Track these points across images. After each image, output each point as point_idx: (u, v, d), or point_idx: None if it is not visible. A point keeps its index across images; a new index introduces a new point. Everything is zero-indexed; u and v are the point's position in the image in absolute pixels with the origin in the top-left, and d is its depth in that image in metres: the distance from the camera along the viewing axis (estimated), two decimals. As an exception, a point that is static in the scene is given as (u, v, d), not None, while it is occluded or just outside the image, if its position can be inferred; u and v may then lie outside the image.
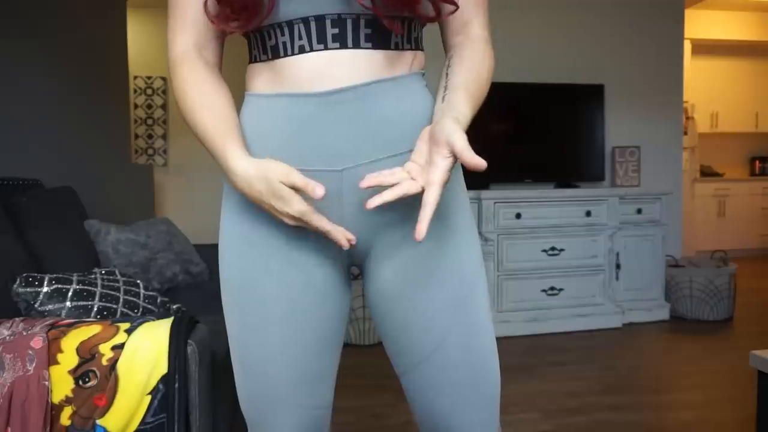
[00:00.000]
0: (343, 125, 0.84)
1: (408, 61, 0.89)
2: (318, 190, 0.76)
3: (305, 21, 0.83)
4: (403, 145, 0.87)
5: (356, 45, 0.84)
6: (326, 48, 0.84)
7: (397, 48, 0.87)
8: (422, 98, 0.91)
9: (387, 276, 0.90)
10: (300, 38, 0.84)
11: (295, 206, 0.78)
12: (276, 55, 0.86)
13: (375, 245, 0.90)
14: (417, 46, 0.92)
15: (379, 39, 0.85)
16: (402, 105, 0.87)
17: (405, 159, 0.86)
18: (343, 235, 0.82)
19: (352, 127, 0.84)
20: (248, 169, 0.79)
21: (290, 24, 0.84)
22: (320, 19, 0.83)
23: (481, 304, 0.92)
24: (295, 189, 0.78)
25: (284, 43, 0.85)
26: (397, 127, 0.87)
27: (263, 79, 0.88)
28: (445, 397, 0.91)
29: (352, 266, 0.96)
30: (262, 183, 0.78)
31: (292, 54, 0.85)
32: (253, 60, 0.91)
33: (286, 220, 0.81)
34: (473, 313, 0.90)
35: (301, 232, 0.88)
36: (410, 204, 0.88)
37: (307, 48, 0.84)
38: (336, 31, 0.83)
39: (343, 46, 0.84)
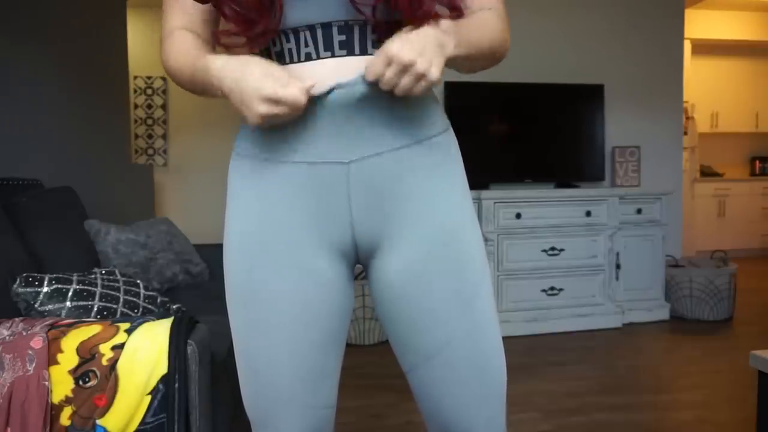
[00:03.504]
0: (351, 117, 0.84)
1: None
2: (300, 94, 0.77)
3: (311, 28, 0.83)
4: (408, 138, 0.88)
5: (363, 52, 0.84)
6: (333, 55, 0.84)
7: None
8: (428, 94, 0.92)
9: (392, 274, 0.90)
10: (306, 45, 0.84)
11: (292, 88, 0.77)
12: (281, 62, 0.86)
13: (381, 242, 0.90)
14: None
15: None
16: (407, 101, 0.87)
17: (411, 150, 0.87)
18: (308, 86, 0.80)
19: (359, 119, 0.84)
20: (225, 62, 0.80)
21: (296, 31, 0.83)
22: (327, 27, 0.83)
23: (487, 303, 0.92)
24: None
25: (290, 50, 0.85)
26: (403, 119, 0.87)
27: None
28: (451, 395, 0.91)
29: (357, 264, 0.96)
30: (254, 65, 0.77)
31: (298, 61, 0.85)
32: None
33: (260, 109, 0.78)
34: (479, 312, 0.90)
35: (308, 230, 0.88)
36: (418, 201, 0.88)
37: (314, 56, 0.84)
38: (343, 38, 0.83)
39: (351, 53, 0.84)
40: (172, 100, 5.56)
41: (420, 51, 0.75)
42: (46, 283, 1.66)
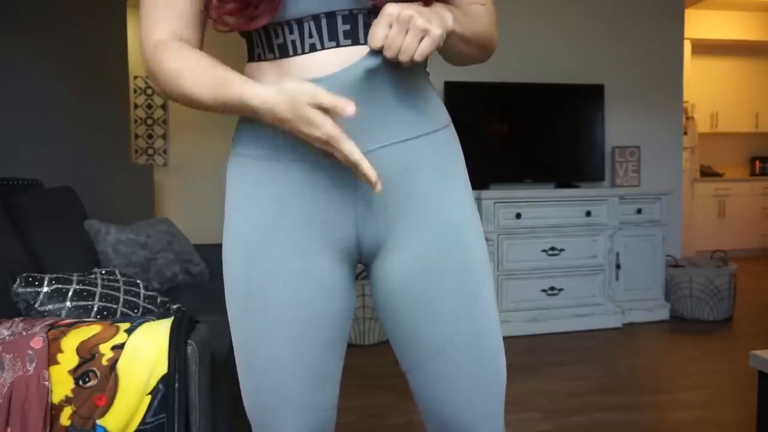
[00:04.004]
0: (350, 83, 0.83)
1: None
2: (348, 107, 0.72)
3: (315, 18, 0.82)
4: (414, 130, 0.87)
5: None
6: (338, 45, 0.83)
7: None
8: (429, 87, 0.92)
9: (395, 272, 0.89)
10: (311, 36, 0.82)
11: (325, 129, 0.74)
12: (284, 54, 0.84)
13: (385, 241, 0.89)
14: None
15: None
16: (412, 91, 0.87)
17: (415, 144, 0.87)
18: (371, 171, 0.76)
19: (362, 112, 0.83)
20: (269, 95, 0.75)
21: (299, 22, 0.82)
22: (331, 16, 0.82)
23: (489, 302, 0.92)
24: (323, 109, 0.73)
25: (293, 42, 0.83)
26: (406, 112, 0.87)
27: (269, 79, 0.85)
28: (452, 395, 0.91)
29: (358, 264, 0.96)
30: (287, 108, 0.74)
31: (302, 53, 0.83)
32: (256, 58, 0.88)
33: (315, 144, 0.77)
34: (481, 312, 0.90)
35: (310, 230, 0.87)
36: (422, 199, 0.88)
37: (318, 46, 0.83)
38: (347, 27, 0.82)
39: (355, 42, 0.83)
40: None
41: (418, 11, 0.76)
42: (46, 283, 1.66)
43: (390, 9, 0.76)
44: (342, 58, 0.83)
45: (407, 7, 0.76)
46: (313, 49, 0.83)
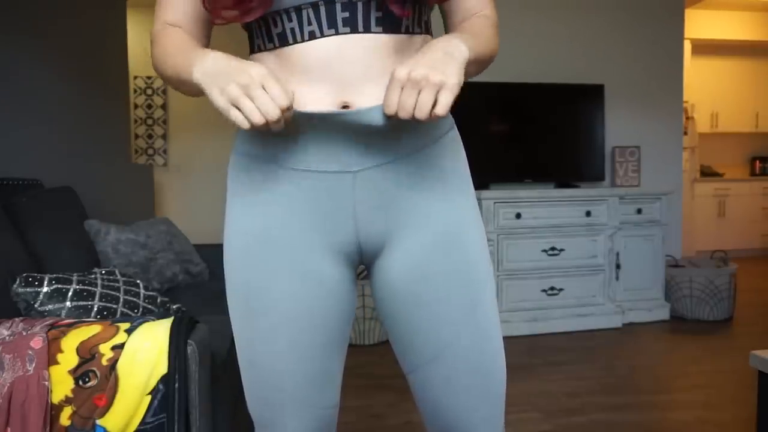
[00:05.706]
0: (356, 126, 0.83)
1: (418, 46, 0.88)
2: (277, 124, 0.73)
3: (314, 6, 0.81)
4: (418, 142, 0.87)
5: (367, 29, 0.83)
6: (337, 33, 0.82)
7: (407, 32, 0.86)
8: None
9: (396, 274, 0.89)
10: (309, 24, 0.82)
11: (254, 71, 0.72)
12: (284, 43, 0.84)
13: (386, 243, 0.90)
14: (427, 29, 0.91)
15: (390, 23, 0.84)
16: None
17: (419, 155, 0.86)
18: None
19: (369, 131, 0.83)
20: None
21: (298, 9, 0.82)
22: (330, 3, 0.81)
23: (490, 305, 0.92)
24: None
25: (292, 30, 0.83)
26: (410, 127, 0.86)
27: (269, 69, 0.85)
28: (451, 398, 0.91)
29: (360, 264, 0.96)
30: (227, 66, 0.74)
31: (302, 41, 0.83)
32: (256, 50, 0.88)
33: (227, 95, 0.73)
34: (481, 317, 0.90)
35: (311, 233, 0.87)
36: (423, 201, 0.88)
37: (318, 34, 0.82)
38: (346, 15, 0.82)
39: (354, 30, 0.82)
40: (172, 100, 5.56)
41: (430, 65, 0.74)
42: (46, 283, 1.66)
43: (399, 73, 0.75)
44: (341, 46, 0.82)
45: (418, 65, 0.74)
46: (312, 36, 0.82)
